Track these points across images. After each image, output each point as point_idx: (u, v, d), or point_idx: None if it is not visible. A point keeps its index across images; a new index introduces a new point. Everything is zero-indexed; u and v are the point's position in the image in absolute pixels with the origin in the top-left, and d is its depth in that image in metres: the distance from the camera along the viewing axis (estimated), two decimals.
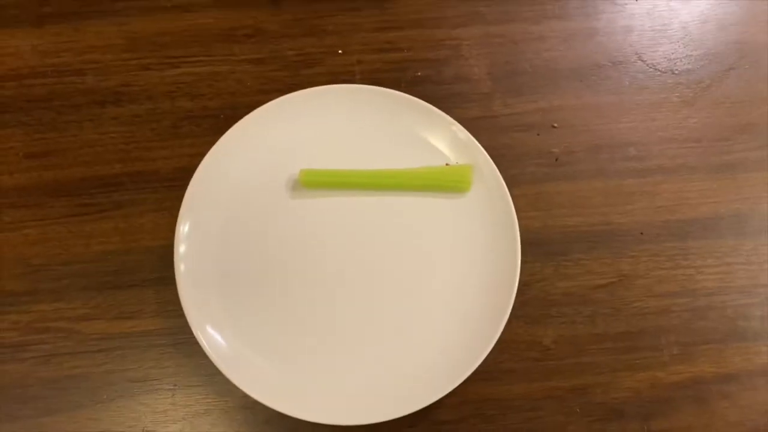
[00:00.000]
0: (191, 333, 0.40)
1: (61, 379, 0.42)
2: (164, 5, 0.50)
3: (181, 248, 0.42)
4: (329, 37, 0.50)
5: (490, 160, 0.44)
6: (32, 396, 0.41)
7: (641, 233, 0.46)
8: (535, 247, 0.45)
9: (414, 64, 0.50)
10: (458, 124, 0.45)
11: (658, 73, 0.50)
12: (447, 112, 0.45)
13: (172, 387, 0.42)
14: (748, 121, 0.49)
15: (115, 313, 0.43)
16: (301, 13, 0.50)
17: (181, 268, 0.41)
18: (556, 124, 0.49)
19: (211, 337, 0.40)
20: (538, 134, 0.48)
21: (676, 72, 0.50)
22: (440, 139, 0.45)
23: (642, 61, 0.51)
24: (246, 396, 0.39)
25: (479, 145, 0.45)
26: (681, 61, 0.51)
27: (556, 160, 0.48)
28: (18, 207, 0.45)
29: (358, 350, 0.42)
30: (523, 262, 0.42)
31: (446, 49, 0.50)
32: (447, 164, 0.45)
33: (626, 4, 0.52)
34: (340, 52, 0.50)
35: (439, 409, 0.42)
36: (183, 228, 0.42)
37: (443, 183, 0.45)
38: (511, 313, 0.41)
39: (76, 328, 0.43)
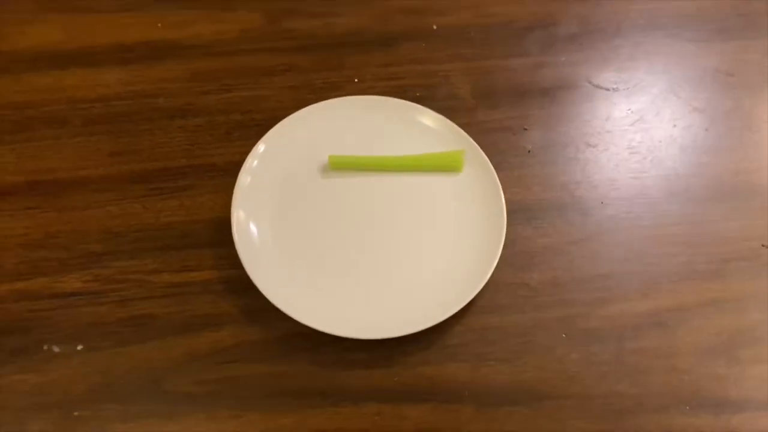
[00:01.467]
0: (242, 280, 0.49)
1: (134, 317, 0.50)
2: (220, 50, 0.64)
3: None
4: (347, 70, 0.64)
5: (477, 147, 0.57)
6: (110, 331, 0.50)
7: (602, 203, 0.58)
8: (518, 213, 0.56)
9: (413, 88, 0.63)
10: (450, 121, 0.58)
11: (606, 91, 0.65)
12: None
13: (225, 322, 0.50)
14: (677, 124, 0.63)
15: (179, 267, 0.52)
16: (325, 55, 0.65)
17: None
18: (526, 127, 0.62)
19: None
20: (513, 134, 0.61)
21: (619, 90, 0.65)
22: (437, 131, 0.58)
23: (590, 83, 0.65)
24: (284, 327, 0.49)
25: (468, 136, 0.57)
26: (622, 82, 0.65)
27: (529, 152, 0.60)
28: (103, 191, 0.56)
29: (378, 287, 0.52)
30: (508, 225, 0.53)
31: (438, 78, 0.64)
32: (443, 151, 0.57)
33: (578, 42, 0.68)
34: (356, 80, 0.64)
35: (448, 335, 0.51)
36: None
37: (440, 164, 0.57)
38: (501, 262, 0.51)
39: (146, 279, 0.52)
